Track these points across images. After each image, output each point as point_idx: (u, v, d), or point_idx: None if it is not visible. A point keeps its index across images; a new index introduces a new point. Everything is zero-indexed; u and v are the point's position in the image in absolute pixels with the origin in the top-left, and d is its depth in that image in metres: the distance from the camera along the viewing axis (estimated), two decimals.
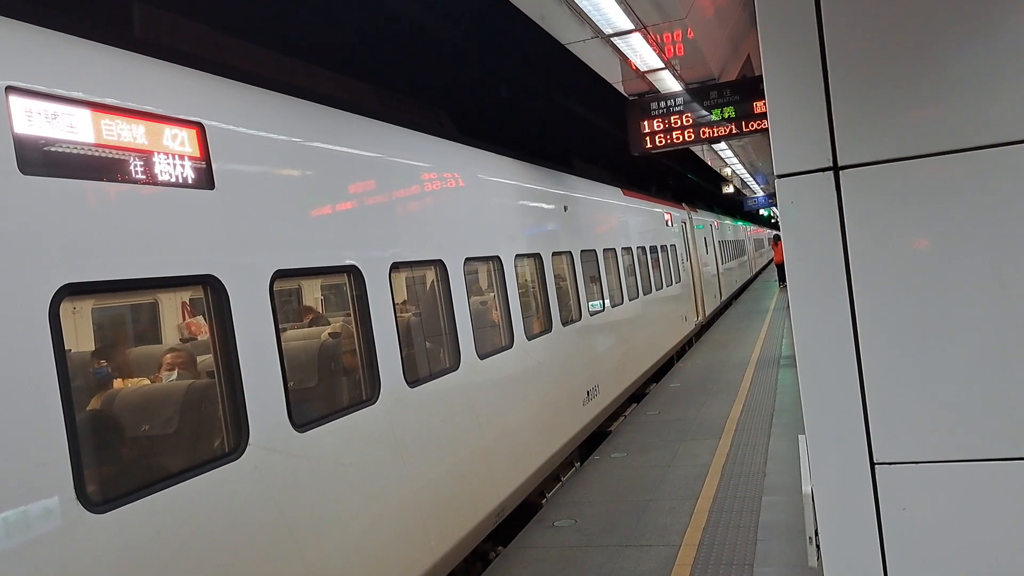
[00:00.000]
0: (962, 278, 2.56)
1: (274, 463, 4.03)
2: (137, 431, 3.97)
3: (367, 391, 4.96)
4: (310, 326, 5.86)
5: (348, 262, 4.88)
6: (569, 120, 17.77)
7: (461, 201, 6.65)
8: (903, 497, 2.66)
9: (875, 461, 2.68)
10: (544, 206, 9.06)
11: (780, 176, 2.71)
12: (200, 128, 3.85)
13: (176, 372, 4.31)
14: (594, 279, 10.69)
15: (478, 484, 6.15)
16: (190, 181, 3.73)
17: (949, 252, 2.58)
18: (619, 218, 12.94)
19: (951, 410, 2.60)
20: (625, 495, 7.35)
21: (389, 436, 5.01)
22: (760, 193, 34.01)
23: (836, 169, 2.64)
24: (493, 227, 7.31)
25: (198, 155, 3.81)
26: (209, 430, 4.03)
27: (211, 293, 3.83)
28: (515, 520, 7.09)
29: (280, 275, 4.24)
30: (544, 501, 7.71)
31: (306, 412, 4.41)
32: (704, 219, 23.41)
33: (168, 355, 4.44)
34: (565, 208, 9.74)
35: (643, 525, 6.47)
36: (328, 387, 5.13)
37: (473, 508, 5.97)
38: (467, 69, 13.09)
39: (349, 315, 5.11)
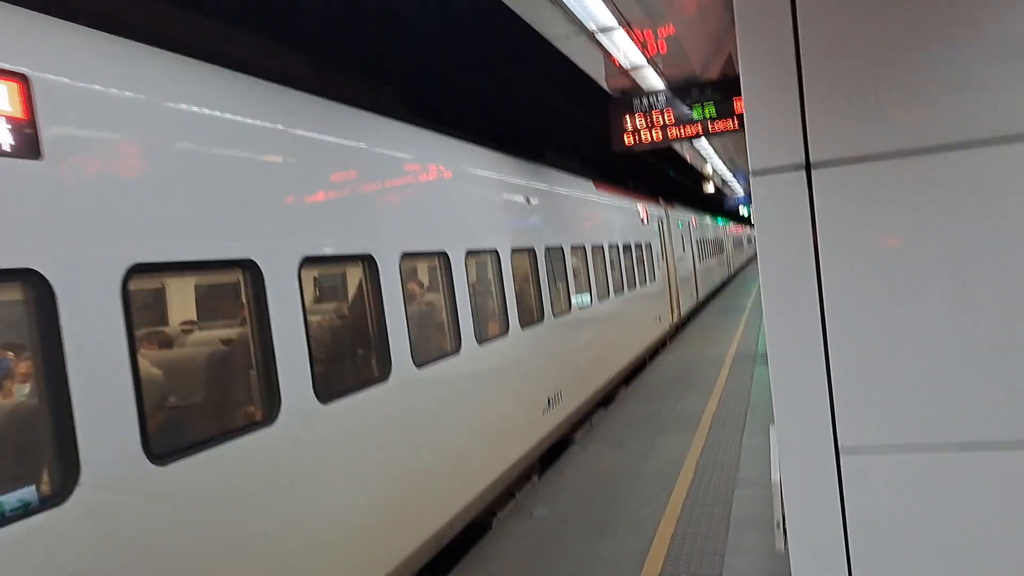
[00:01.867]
0: (926, 274, 2.67)
1: (120, 506, 3.26)
2: None
3: (264, 410, 4.20)
4: (190, 333, 5.20)
5: (241, 255, 4.11)
6: (549, 114, 17.74)
7: (397, 186, 5.86)
8: (866, 483, 2.76)
9: (840, 448, 2.78)
10: (504, 197, 8.30)
11: (755, 173, 2.80)
12: (24, 81, 3.11)
13: None
14: (560, 278, 9.83)
15: (412, 511, 5.48)
16: (7, 148, 3.02)
17: (914, 249, 2.68)
18: (590, 213, 12.21)
19: (914, 400, 2.71)
20: (602, 486, 7.46)
21: (291, 463, 4.25)
22: (740, 192, 34.28)
23: (808, 167, 2.74)
24: (439, 218, 6.47)
25: (21, 116, 3.09)
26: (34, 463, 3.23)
27: (31, 292, 3.08)
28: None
29: (139, 270, 3.49)
30: (495, 520, 7.12)
31: (173, 439, 3.68)
32: (681, 216, 22.50)
33: None
34: (528, 200, 9.04)
35: (619, 515, 6.58)
36: (208, 407, 4.44)
37: (403, 538, 5.33)
38: (438, 51, 12.93)
39: (241, 319, 4.49)
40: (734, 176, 27.50)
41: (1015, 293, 2.59)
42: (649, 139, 9.03)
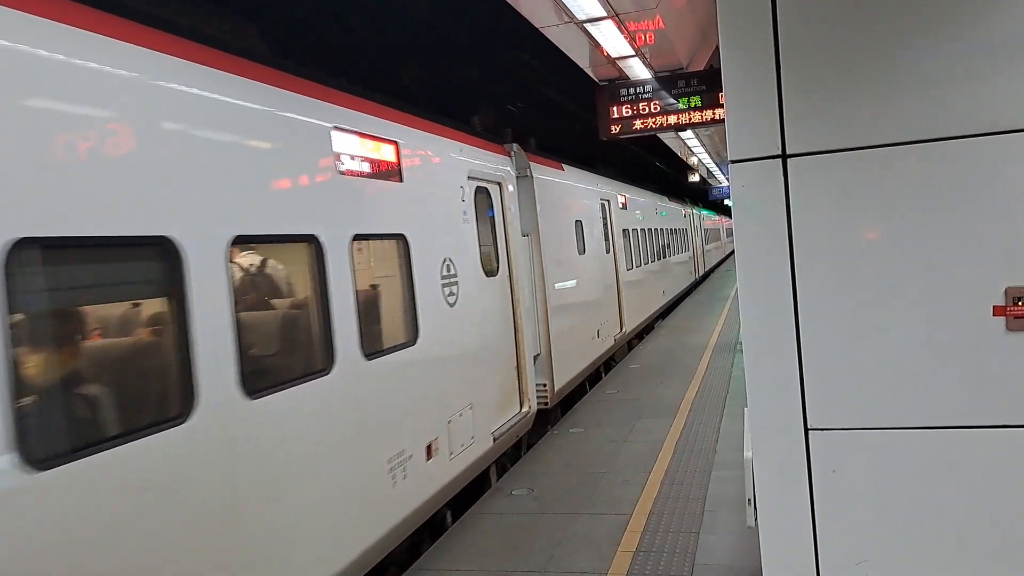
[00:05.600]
0: (893, 262, 2.80)
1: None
2: None
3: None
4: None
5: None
6: (535, 100, 17.43)
7: None
8: (833, 460, 2.91)
9: (809, 427, 2.92)
10: None
11: (733, 161, 2.92)
12: None
13: None
14: None
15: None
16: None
17: (882, 237, 2.82)
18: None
19: (879, 383, 2.85)
20: (581, 467, 7.61)
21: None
22: (725, 183, 34.39)
23: (784, 157, 2.86)
24: None
25: None
26: None
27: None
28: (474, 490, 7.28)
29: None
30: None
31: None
32: (587, 187, 12.47)
33: None
34: None
35: (597, 495, 6.73)
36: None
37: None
38: (423, 32, 12.71)
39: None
40: (720, 168, 27.62)
41: (980, 283, 2.73)
42: (635, 128, 9.14)
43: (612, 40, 7.48)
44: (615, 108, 9.16)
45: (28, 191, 3.01)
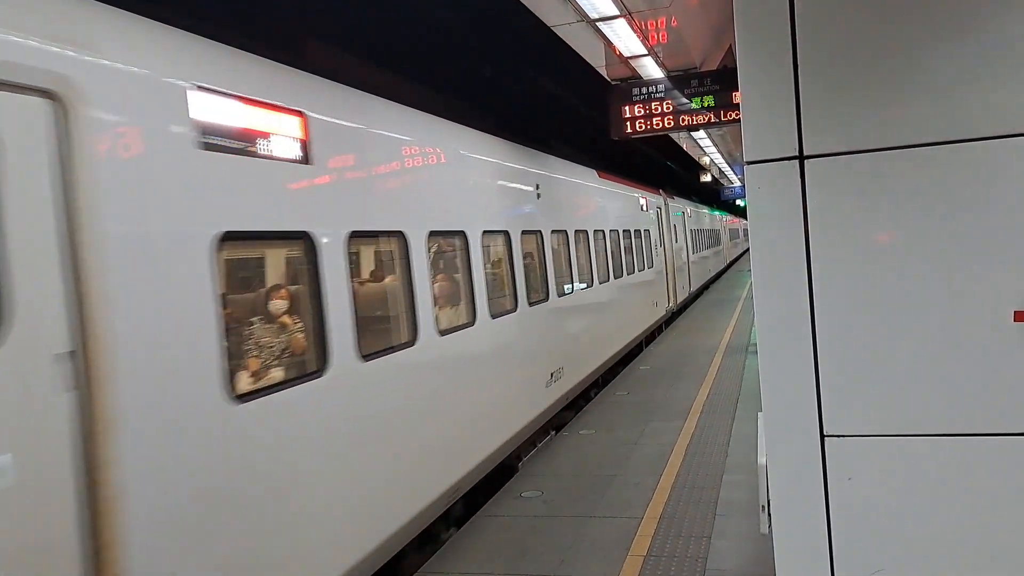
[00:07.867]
0: (911, 266, 2.75)
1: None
2: None
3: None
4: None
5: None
6: (547, 100, 17.35)
7: None
8: (849, 467, 2.86)
9: (825, 434, 2.87)
10: None
11: (749, 162, 2.88)
12: None
13: None
14: None
15: None
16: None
17: (900, 241, 2.76)
18: None
19: (897, 389, 2.79)
20: (591, 470, 7.56)
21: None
22: (738, 184, 34.17)
23: (801, 158, 2.81)
24: None
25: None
26: None
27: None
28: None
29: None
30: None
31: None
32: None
33: None
34: None
35: (608, 498, 6.68)
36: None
37: None
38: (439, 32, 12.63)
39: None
40: (731, 168, 27.49)
41: (1000, 288, 2.67)
42: (647, 128, 9.08)
43: (625, 39, 7.44)
44: (627, 107, 9.10)
45: None
